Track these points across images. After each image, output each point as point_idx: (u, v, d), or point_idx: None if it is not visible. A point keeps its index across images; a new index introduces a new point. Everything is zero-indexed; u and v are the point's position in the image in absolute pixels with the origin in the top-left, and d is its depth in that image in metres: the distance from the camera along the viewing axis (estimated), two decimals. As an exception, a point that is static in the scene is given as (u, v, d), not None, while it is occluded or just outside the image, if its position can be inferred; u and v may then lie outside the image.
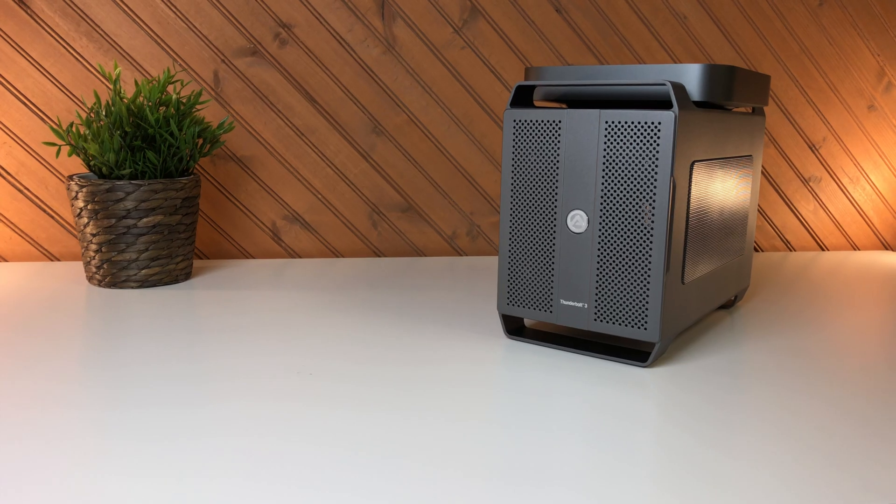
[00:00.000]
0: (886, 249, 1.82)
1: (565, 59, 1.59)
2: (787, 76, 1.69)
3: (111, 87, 1.22)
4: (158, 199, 1.22)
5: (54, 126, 1.24)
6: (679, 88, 0.88)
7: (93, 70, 1.41)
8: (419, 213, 1.59)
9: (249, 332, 1.03)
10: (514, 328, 1.04)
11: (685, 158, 0.89)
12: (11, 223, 1.43)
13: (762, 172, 1.72)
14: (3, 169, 1.41)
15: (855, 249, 1.81)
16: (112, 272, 1.23)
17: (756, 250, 1.76)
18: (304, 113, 1.51)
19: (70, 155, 1.17)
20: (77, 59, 1.41)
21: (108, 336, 0.99)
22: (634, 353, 0.96)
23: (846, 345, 1.04)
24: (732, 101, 0.96)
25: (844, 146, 1.76)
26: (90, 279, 1.27)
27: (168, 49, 1.43)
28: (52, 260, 1.46)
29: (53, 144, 1.15)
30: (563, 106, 1.37)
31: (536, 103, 1.58)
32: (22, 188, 1.42)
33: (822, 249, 1.79)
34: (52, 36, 1.39)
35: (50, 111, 1.41)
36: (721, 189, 1.03)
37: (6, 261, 1.45)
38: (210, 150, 1.31)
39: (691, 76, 0.92)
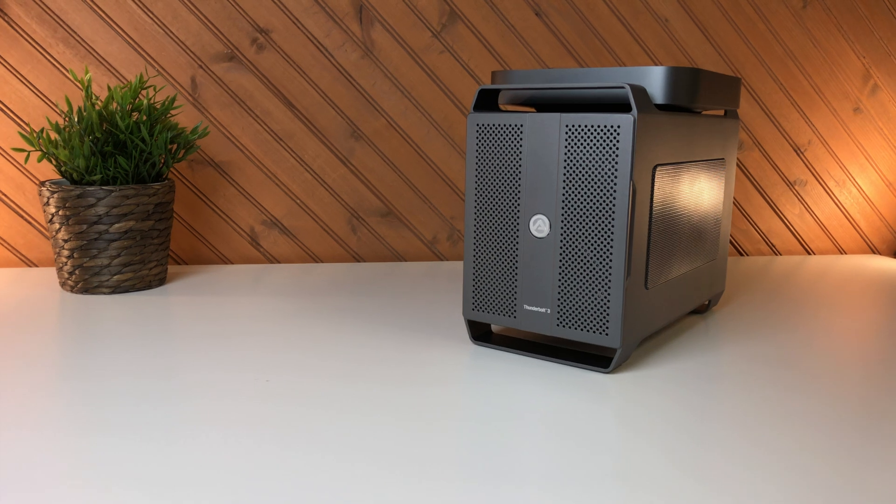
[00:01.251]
0: (874, 253, 1.80)
1: (545, 62, 1.58)
2: (770, 79, 1.68)
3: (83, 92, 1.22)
4: (130, 204, 1.21)
5: (23, 132, 1.24)
6: (639, 91, 0.87)
7: (70, 76, 1.41)
8: (399, 218, 1.59)
9: (216, 338, 1.02)
10: (481, 334, 1.04)
11: (647, 162, 0.89)
12: (-11, 229, 1.43)
13: (746, 176, 1.71)
14: (-20, 175, 1.41)
15: (842, 253, 1.79)
16: (84, 278, 1.23)
17: (741, 254, 1.74)
18: (282, 118, 1.51)
19: (39, 161, 1.17)
20: (54, 65, 1.41)
21: (74, 342, 0.99)
22: (598, 358, 0.95)
23: (819, 349, 1.02)
24: (697, 104, 0.95)
25: (830, 149, 1.74)
26: (63, 285, 1.26)
27: (145, 55, 1.43)
28: (29, 266, 1.46)
29: (22, 150, 1.15)
30: (532, 110, 1.37)
31: (505, 107, 1.57)
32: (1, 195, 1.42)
33: (809, 253, 1.78)
34: (29, 42, 1.39)
35: (27, 117, 1.41)
36: (689, 193, 1.02)
37: (-16, 267, 1.45)
38: (185, 155, 1.31)
39: (654, 79, 0.91)
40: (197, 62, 1.46)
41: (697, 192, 1.05)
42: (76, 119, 1.20)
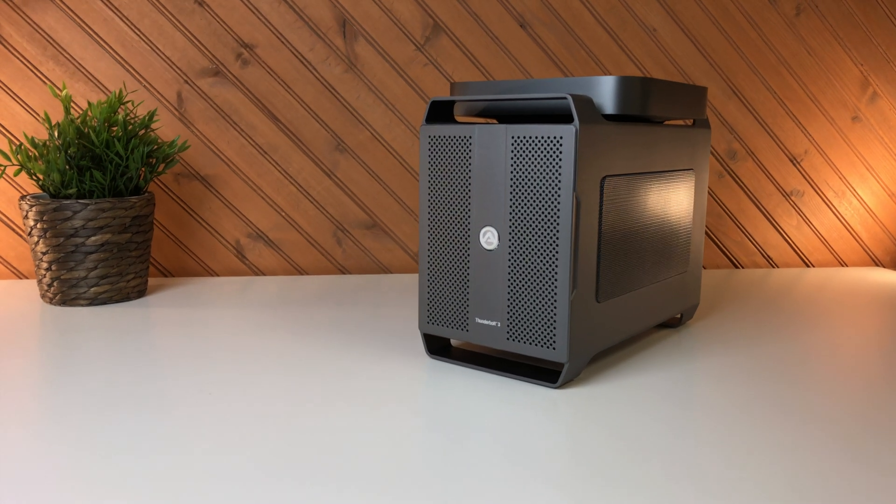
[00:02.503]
0: (877, 266, 1.75)
1: (530, 73, 1.57)
2: (764, 88, 1.65)
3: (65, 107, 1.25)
4: (106, 217, 1.23)
5: (0, 147, 1.27)
6: (583, 102, 0.86)
7: (60, 91, 1.45)
8: (384, 230, 1.59)
9: (181, 350, 1.03)
10: (438, 347, 1.03)
11: (594, 173, 0.87)
12: (-18, 242, 1.47)
13: (740, 186, 1.68)
14: (-27, 189, 1.45)
15: (843, 266, 1.74)
16: (62, 290, 1.25)
17: (736, 267, 1.71)
18: (266, 131, 1.52)
19: (16, 174, 1.20)
20: (45, 81, 1.44)
21: (46, 354, 1.01)
22: (549, 373, 0.94)
23: (795, 364, 0.99)
24: (651, 113, 0.94)
25: (828, 159, 1.70)
26: (43, 297, 1.29)
27: (132, 70, 1.46)
28: (20, 278, 1.49)
29: (-2, 165, 1.18)
30: (494, 121, 1.36)
31: (467, 119, 1.57)
32: (-8, 208, 1.46)
33: (808, 266, 1.73)
34: (20, 60, 1.43)
35: (18, 133, 1.45)
36: (649, 204, 1.00)
37: (-23, 278, 1.48)
38: (164, 169, 1.33)
39: (604, 89, 0.90)
40: (183, 77, 1.48)
41: (660, 203, 1.03)
42: (56, 134, 1.23)
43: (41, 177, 1.20)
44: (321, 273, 1.58)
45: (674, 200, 1.07)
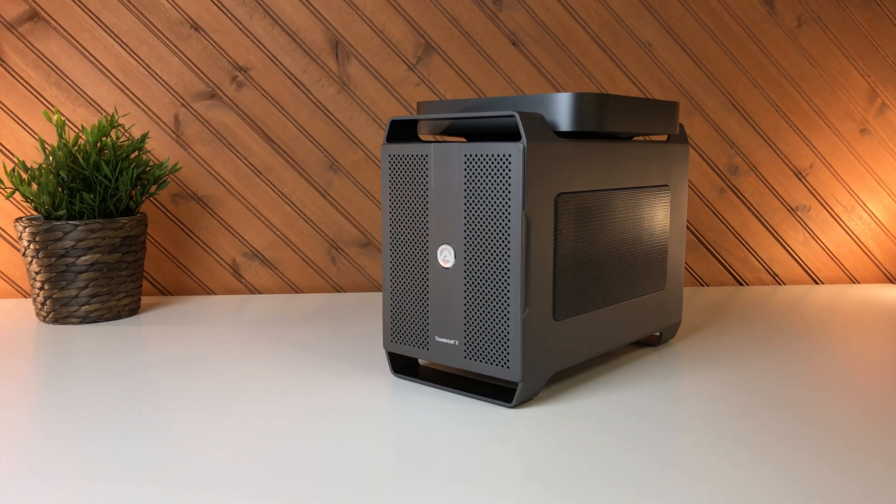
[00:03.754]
0: (891, 283, 1.69)
1: (522, 91, 1.57)
2: (765, 101, 1.62)
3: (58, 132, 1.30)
4: (96, 238, 1.27)
5: None
6: (533, 119, 0.85)
7: (63, 117, 1.50)
8: (378, 248, 1.59)
9: (163, 368, 1.05)
10: (404, 366, 1.03)
11: (546, 190, 0.87)
12: (-11, 262, 1.52)
13: (743, 202, 1.64)
14: (-19, 211, 1.51)
15: (854, 283, 1.69)
16: (55, 308, 1.29)
17: (740, 284, 1.67)
18: (261, 152, 1.55)
19: (8, 197, 1.24)
20: (47, 107, 1.49)
21: (34, 370, 1.03)
22: (509, 392, 0.93)
23: (779, 383, 0.96)
24: (609, 129, 0.93)
25: (835, 173, 1.65)
26: (37, 315, 1.33)
27: (131, 95, 1.51)
28: (25, 297, 1.54)
29: (-9, 188, 1.22)
30: (463, 140, 1.36)
31: (436, 137, 1.57)
32: (-2, 229, 1.51)
33: (816, 283, 1.68)
34: (24, 87, 1.49)
35: (24, 156, 1.50)
36: (615, 222, 0.99)
37: (-15, 298, 1.53)
38: (157, 190, 1.36)
39: (559, 106, 0.89)
40: (180, 101, 1.52)
41: (627, 220, 1.01)
42: (50, 158, 1.27)
43: (33, 199, 1.24)
44: (316, 291, 1.59)
45: (645, 217, 1.05)
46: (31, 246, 1.27)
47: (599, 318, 0.98)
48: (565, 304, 0.92)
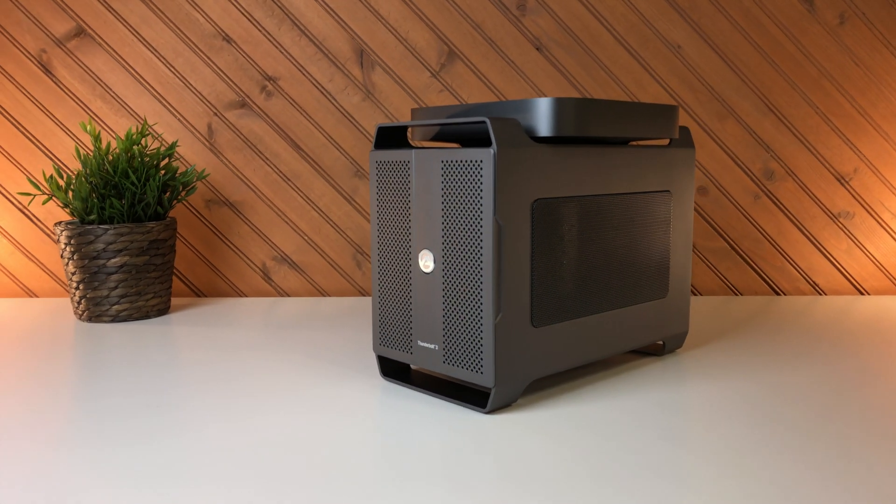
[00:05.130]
0: (946, 294, 1.59)
1: (547, 96, 1.56)
2: (805, 103, 1.55)
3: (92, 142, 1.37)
4: (124, 241, 1.34)
5: (32, 178, 1.40)
6: (506, 125, 0.85)
7: (106, 128, 1.59)
8: (403, 254, 1.61)
9: (179, 367, 1.10)
10: (394, 369, 1.04)
11: (522, 196, 0.86)
12: (41, 263, 1.62)
13: (780, 208, 1.58)
14: (36, 217, 1.61)
15: (904, 293, 1.59)
16: (89, 307, 1.37)
17: (776, 294, 1.60)
18: (289, 159, 1.60)
19: (44, 203, 1.32)
20: (93, 117, 1.59)
21: (67, 363, 1.11)
22: (485, 397, 0.92)
23: (795, 399, 0.93)
24: (592, 134, 0.91)
25: (882, 177, 1.57)
26: (75, 313, 1.41)
27: (168, 105, 1.58)
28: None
29: (28, 194, 1.30)
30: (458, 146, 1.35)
31: (427, 144, 1.56)
32: (49, 232, 1.61)
33: (862, 294, 1.60)
34: (72, 99, 1.58)
35: (71, 165, 1.60)
36: (604, 228, 0.97)
37: (36, 296, 1.64)
38: (184, 196, 1.42)
39: (538, 111, 0.89)
40: (212, 110, 1.58)
41: (621, 226, 0.99)
42: (83, 166, 1.35)
43: (68, 204, 1.32)
44: (342, 294, 1.63)
45: (640, 223, 1.03)
46: (68, 248, 1.35)
47: (586, 326, 0.97)
48: (545, 310, 0.91)
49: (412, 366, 1.06)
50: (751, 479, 0.71)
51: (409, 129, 1.01)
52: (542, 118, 0.88)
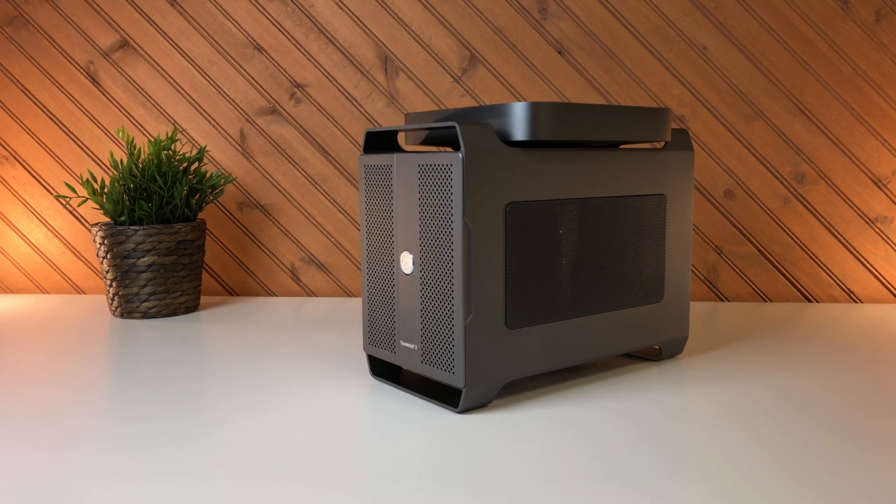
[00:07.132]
0: None
1: (569, 100, 1.55)
2: (838, 103, 1.49)
3: (125, 146, 1.45)
4: (153, 241, 1.41)
5: (68, 181, 1.50)
6: (476, 130, 0.86)
7: (147, 134, 1.68)
8: (425, 256, 1.64)
9: (181, 360, 1.16)
10: (385, 369, 1.06)
11: (493, 199, 0.87)
12: (88, 262, 1.73)
13: (812, 212, 1.52)
14: (84, 219, 1.72)
15: (948, 303, 1.51)
16: (122, 304, 1.45)
17: (808, 301, 1.54)
18: (317, 163, 1.65)
19: (79, 206, 1.41)
20: (134, 124, 1.68)
21: (99, 356, 1.18)
22: (456, 396, 0.94)
23: (790, 408, 0.91)
24: (570, 138, 0.91)
25: (924, 181, 1.49)
26: (109, 308, 1.50)
27: (203, 112, 1.66)
28: (116, 293, 1.73)
29: (64, 197, 1.40)
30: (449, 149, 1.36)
31: (421, 147, 1.57)
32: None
33: (902, 302, 1.52)
34: (116, 107, 1.68)
35: (115, 171, 1.69)
36: (587, 232, 0.97)
37: (84, 294, 1.74)
38: (213, 198, 1.49)
39: (513, 116, 0.90)
40: (244, 116, 1.65)
41: (606, 229, 0.99)
42: (117, 171, 1.44)
43: (102, 207, 1.41)
44: (366, 296, 1.66)
45: (628, 227, 1.02)
46: (102, 247, 1.43)
47: (568, 329, 0.97)
48: (520, 312, 0.91)
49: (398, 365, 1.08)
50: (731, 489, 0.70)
51: (405, 134, 1.04)
52: (517, 122, 0.89)
